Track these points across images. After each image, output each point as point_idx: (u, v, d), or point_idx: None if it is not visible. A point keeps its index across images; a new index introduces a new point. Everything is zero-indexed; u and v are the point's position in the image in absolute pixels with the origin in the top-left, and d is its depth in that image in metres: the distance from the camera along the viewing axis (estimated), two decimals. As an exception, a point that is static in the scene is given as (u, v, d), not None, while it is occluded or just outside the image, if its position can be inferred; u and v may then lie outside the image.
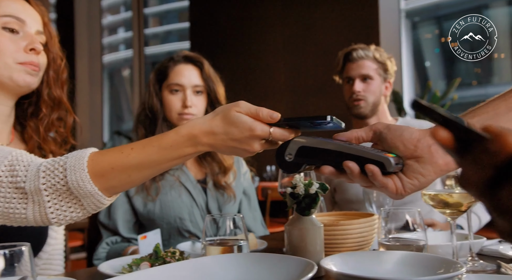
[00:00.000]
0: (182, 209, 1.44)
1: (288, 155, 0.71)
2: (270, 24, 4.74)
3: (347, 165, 0.66)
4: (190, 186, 1.48)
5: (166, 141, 0.77)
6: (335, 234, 0.97)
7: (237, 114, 0.74)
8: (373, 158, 0.64)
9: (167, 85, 1.51)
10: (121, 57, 7.22)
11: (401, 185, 0.66)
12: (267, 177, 4.35)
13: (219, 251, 0.85)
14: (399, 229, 0.93)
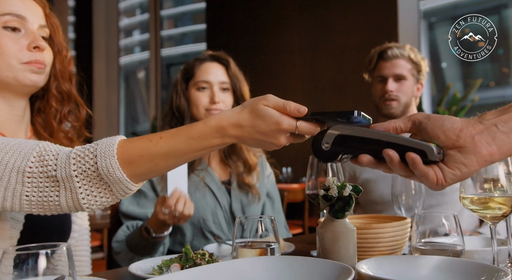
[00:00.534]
0: (206, 210, 1.43)
1: (325, 143, 0.70)
2: (287, 25, 4.73)
3: (387, 153, 0.65)
4: (214, 187, 1.47)
5: (195, 131, 0.78)
6: (368, 237, 0.95)
7: (265, 107, 0.76)
8: (414, 146, 0.64)
9: (194, 83, 1.52)
10: (136, 59, 7.28)
11: (442, 175, 0.64)
12: (283, 179, 4.33)
13: (252, 253, 0.84)
14: (433, 233, 0.91)
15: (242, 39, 5.05)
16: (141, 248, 1.35)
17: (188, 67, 1.55)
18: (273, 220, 0.89)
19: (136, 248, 1.36)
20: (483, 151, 0.63)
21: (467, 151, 0.63)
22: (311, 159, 1.15)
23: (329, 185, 0.91)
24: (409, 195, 1.20)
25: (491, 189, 0.83)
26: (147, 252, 1.35)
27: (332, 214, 0.90)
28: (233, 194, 1.50)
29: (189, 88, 1.53)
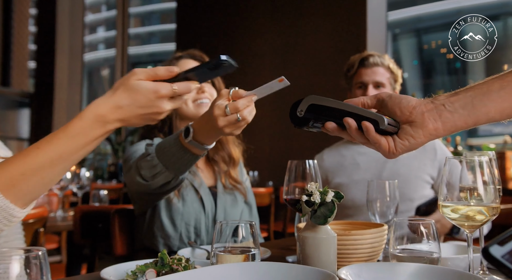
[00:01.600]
0: (190, 215, 1.40)
1: (299, 111, 0.78)
2: (259, 29, 4.74)
3: (347, 120, 0.74)
4: (203, 192, 1.44)
5: (73, 128, 0.76)
6: (347, 244, 0.95)
7: (138, 81, 0.77)
8: (369, 116, 0.73)
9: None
10: (100, 56, 7.08)
11: (394, 145, 0.74)
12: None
13: (233, 259, 0.81)
14: (410, 240, 0.92)
15: (212, 41, 5.01)
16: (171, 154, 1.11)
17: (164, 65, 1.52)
18: (253, 225, 0.87)
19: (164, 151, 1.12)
20: (429, 125, 0.71)
21: (416, 125, 0.72)
22: (289, 164, 1.15)
23: (311, 191, 0.90)
24: (383, 201, 1.21)
25: (467, 198, 0.85)
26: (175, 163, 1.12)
27: (314, 220, 0.89)
28: (218, 200, 1.47)
29: None
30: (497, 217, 2.73)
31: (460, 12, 6.43)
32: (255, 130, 4.74)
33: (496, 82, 0.71)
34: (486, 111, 0.70)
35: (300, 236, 0.90)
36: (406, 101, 0.73)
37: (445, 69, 6.68)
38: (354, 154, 1.76)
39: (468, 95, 0.71)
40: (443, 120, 0.71)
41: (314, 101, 0.77)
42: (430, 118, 0.71)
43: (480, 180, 0.82)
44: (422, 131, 0.72)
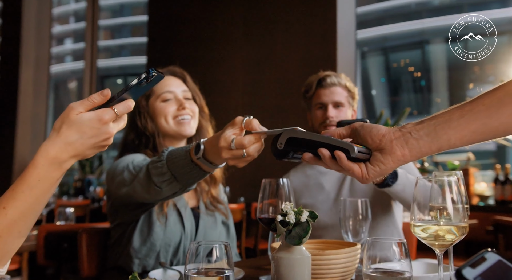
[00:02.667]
0: (171, 236, 1.37)
1: (279, 144, 0.84)
2: (231, 44, 4.77)
3: (321, 151, 0.80)
4: (185, 213, 1.42)
5: (31, 178, 0.78)
6: (321, 264, 0.95)
7: (79, 115, 0.79)
8: (340, 145, 0.79)
9: (157, 97, 1.48)
10: (68, 68, 6.93)
11: (366, 171, 0.79)
12: (221, 198, 4.28)
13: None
14: (382, 259, 0.93)
15: (184, 55, 4.99)
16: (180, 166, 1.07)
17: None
18: (227, 246, 0.86)
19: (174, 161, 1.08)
20: (397, 152, 0.76)
21: (385, 152, 0.77)
22: (264, 183, 1.14)
23: (286, 211, 0.90)
24: (356, 219, 1.23)
25: (437, 217, 0.87)
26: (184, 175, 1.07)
27: (289, 241, 0.89)
28: (201, 222, 1.45)
29: (151, 104, 1.49)
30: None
31: (423, 32, 6.71)
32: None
33: (457, 111, 0.75)
34: (447, 138, 0.75)
35: (274, 257, 0.90)
36: (376, 130, 0.78)
37: (411, 87, 6.91)
38: (317, 174, 1.74)
39: (432, 124, 0.76)
40: (410, 147, 0.76)
41: (292, 134, 0.83)
42: (398, 145, 0.76)
43: (450, 200, 0.84)
44: (391, 157, 0.76)
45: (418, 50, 7.11)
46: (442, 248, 0.85)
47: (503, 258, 0.51)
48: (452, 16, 6.24)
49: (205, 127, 1.55)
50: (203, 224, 1.44)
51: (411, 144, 0.75)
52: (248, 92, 4.60)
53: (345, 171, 0.79)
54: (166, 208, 1.38)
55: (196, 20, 4.98)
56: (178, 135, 1.47)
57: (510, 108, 0.72)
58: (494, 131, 0.74)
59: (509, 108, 0.72)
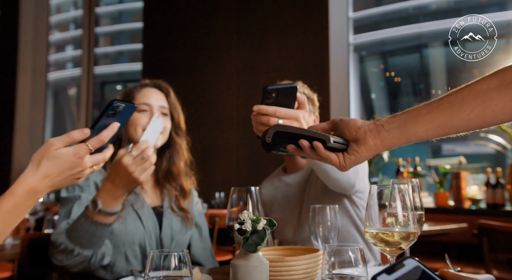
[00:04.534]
0: (134, 236, 1.40)
1: (267, 137, 0.91)
2: (225, 51, 4.80)
3: (301, 142, 0.88)
4: (143, 213, 1.44)
5: (7, 205, 0.86)
6: (281, 270, 0.97)
7: (58, 150, 0.89)
8: (318, 136, 0.86)
9: None
10: (68, 75, 7.00)
11: (343, 159, 0.87)
12: (215, 204, 4.30)
13: (161, 290, 0.82)
14: (341, 265, 0.95)
15: (179, 62, 5.04)
16: (83, 232, 1.21)
17: (127, 91, 1.55)
18: (186, 254, 0.88)
19: (77, 234, 1.22)
20: (370, 142, 0.84)
21: (360, 142, 0.85)
22: (232, 191, 1.17)
23: (243, 219, 0.92)
24: (325, 226, 1.24)
25: (393, 224, 0.89)
26: (90, 240, 1.22)
27: (245, 248, 0.91)
28: (164, 220, 1.47)
29: None
30: (452, 236, 2.83)
31: (421, 36, 6.72)
32: (222, 152, 4.75)
33: (426, 107, 0.82)
34: (415, 131, 0.81)
35: (232, 264, 0.92)
36: (353, 123, 0.86)
37: (410, 90, 6.92)
38: (284, 186, 1.71)
39: (402, 118, 0.83)
40: (381, 138, 0.83)
41: (278, 129, 0.91)
42: (371, 136, 0.83)
43: (400, 207, 0.86)
44: (364, 147, 0.84)
45: (417, 54, 7.12)
46: (393, 254, 0.86)
47: (422, 265, 0.52)
48: (450, 20, 6.24)
49: (179, 144, 1.58)
50: (167, 222, 1.47)
51: (382, 135, 0.82)
52: (242, 99, 4.63)
53: (324, 159, 0.87)
54: (122, 211, 1.40)
55: (190, 27, 5.02)
56: None
57: (471, 106, 0.77)
58: (456, 127, 0.80)
59: (470, 106, 0.77)
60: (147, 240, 1.41)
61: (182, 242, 1.49)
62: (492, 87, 0.76)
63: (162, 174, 1.55)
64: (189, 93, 4.91)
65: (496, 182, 3.17)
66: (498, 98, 0.75)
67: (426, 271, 0.51)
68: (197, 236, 1.57)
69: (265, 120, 1.14)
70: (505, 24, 5.50)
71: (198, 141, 5.79)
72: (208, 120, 4.76)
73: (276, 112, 1.13)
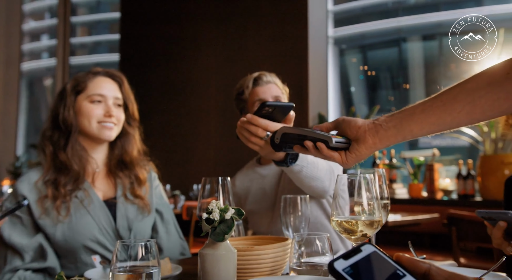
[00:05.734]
0: (87, 232, 1.38)
1: (276, 138, 0.99)
2: (205, 43, 4.76)
3: (306, 143, 0.93)
4: (93, 208, 1.42)
5: None
6: (249, 259, 0.98)
7: None
8: (321, 137, 0.92)
9: (87, 96, 1.48)
10: (43, 65, 6.83)
11: (345, 157, 0.92)
12: (193, 196, 4.29)
13: (126, 279, 0.82)
14: (309, 254, 0.96)
15: (157, 53, 4.97)
16: None
17: (79, 79, 1.50)
18: (154, 244, 0.88)
19: None
20: (369, 141, 0.88)
21: (360, 141, 0.89)
22: (204, 181, 1.16)
23: (212, 208, 0.93)
24: (296, 216, 1.26)
25: (359, 212, 0.91)
26: None
27: (213, 237, 0.91)
28: (118, 211, 1.45)
29: (79, 101, 1.48)
30: (425, 226, 2.90)
31: (400, 30, 6.80)
32: (201, 143, 4.73)
33: (420, 106, 0.87)
34: (410, 129, 0.87)
35: (200, 253, 0.92)
36: (354, 123, 0.91)
37: (389, 84, 7.01)
38: (259, 178, 1.72)
39: (398, 117, 0.88)
40: (380, 136, 0.88)
41: (285, 130, 0.98)
42: (370, 135, 0.88)
43: (366, 196, 0.88)
44: (364, 145, 0.89)
45: (395, 48, 7.21)
46: (358, 241, 0.88)
47: (378, 250, 0.53)
48: (428, 14, 6.34)
49: (132, 134, 1.57)
50: (121, 212, 1.45)
51: (381, 134, 0.87)
52: (221, 90, 4.61)
53: (328, 158, 0.92)
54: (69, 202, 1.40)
55: (169, 18, 4.96)
56: (98, 139, 1.49)
57: (462, 104, 0.82)
58: (449, 124, 0.85)
59: (461, 104, 0.82)
60: (102, 234, 1.40)
61: (141, 230, 1.47)
62: (481, 86, 0.80)
63: (114, 162, 1.53)
64: (167, 83, 4.87)
65: (467, 173, 3.25)
66: (487, 97, 0.80)
67: (383, 256, 0.52)
68: (159, 221, 1.55)
69: (253, 130, 1.18)
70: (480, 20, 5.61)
71: (176, 131, 5.76)
72: (186, 111, 4.72)
73: (268, 126, 1.16)
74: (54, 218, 1.37)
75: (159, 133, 4.70)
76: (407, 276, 0.50)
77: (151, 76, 4.84)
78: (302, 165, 1.33)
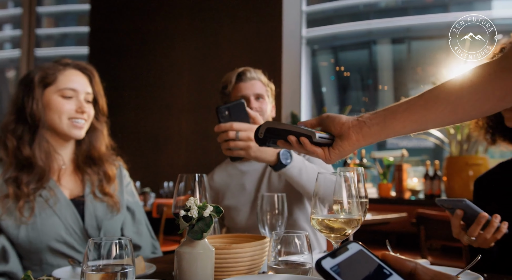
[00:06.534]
0: (53, 233, 1.32)
1: (260, 133, 0.97)
2: (177, 38, 4.69)
3: (289, 137, 0.93)
4: (59, 208, 1.36)
5: None
6: (227, 257, 0.96)
7: None
8: (304, 132, 0.92)
9: (58, 90, 1.41)
10: (6, 56, 6.56)
11: (328, 153, 0.92)
12: (163, 194, 4.22)
13: (100, 279, 0.78)
14: (287, 252, 0.95)
15: (128, 47, 4.86)
16: None
17: (48, 71, 1.42)
18: (128, 242, 0.85)
19: None
20: (353, 137, 0.88)
21: (344, 137, 0.89)
22: (179, 178, 1.14)
23: (190, 206, 0.90)
24: (273, 214, 1.25)
25: (338, 211, 0.91)
26: None
27: (191, 235, 0.89)
28: (86, 210, 1.40)
29: (48, 94, 1.41)
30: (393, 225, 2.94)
31: (371, 33, 6.93)
32: (172, 140, 4.66)
33: (403, 105, 0.87)
34: (393, 127, 0.87)
35: (177, 251, 0.90)
36: (338, 119, 0.91)
37: (359, 85, 7.14)
38: (239, 174, 1.72)
39: (382, 114, 0.88)
40: (363, 133, 0.88)
41: (269, 125, 0.98)
42: (354, 132, 0.88)
43: (345, 194, 0.88)
44: (348, 142, 0.89)
45: (366, 50, 7.35)
46: (338, 240, 0.88)
47: (365, 248, 0.53)
48: (397, 18, 6.49)
49: (100, 130, 1.52)
50: (90, 211, 1.41)
51: (364, 131, 0.87)
52: (194, 86, 4.55)
53: (311, 153, 0.92)
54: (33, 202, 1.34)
55: (141, 11, 4.85)
56: (67, 136, 1.43)
57: (444, 104, 0.83)
58: (431, 122, 0.86)
59: (443, 103, 0.83)
60: (70, 234, 1.34)
61: (111, 229, 1.42)
62: (464, 87, 0.81)
63: (82, 159, 1.48)
64: (138, 78, 4.76)
65: (434, 174, 3.34)
66: (468, 97, 0.81)
67: (369, 254, 0.52)
68: (129, 220, 1.51)
69: (225, 136, 1.22)
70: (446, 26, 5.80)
71: (147, 128, 5.65)
72: (158, 107, 4.64)
73: (232, 125, 1.20)
74: (17, 218, 1.30)
75: (129, 130, 4.59)
76: (393, 275, 0.49)
77: (121, 71, 4.73)
78: (300, 167, 1.37)
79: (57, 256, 1.33)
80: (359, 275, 0.49)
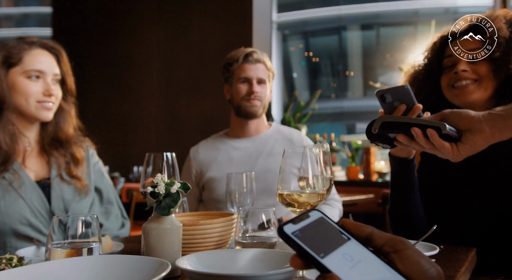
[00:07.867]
0: (18, 215, 1.29)
1: (374, 128, 0.90)
2: (146, 21, 4.58)
3: (414, 130, 0.86)
4: (24, 191, 1.33)
5: None
6: (195, 233, 0.97)
7: None
8: (431, 124, 0.85)
9: (24, 71, 1.37)
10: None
11: (457, 149, 0.87)
12: (133, 178, 4.17)
13: (65, 254, 0.78)
14: (255, 228, 0.97)
15: (94, 29, 4.71)
16: None
17: (12, 50, 1.37)
18: (95, 219, 0.84)
19: None
20: (486, 131, 0.84)
21: (475, 131, 0.85)
22: (147, 157, 1.13)
23: (157, 182, 0.90)
24: (241, 192, 1.26)
25: (304, 187, 0.93)
26: None
27: (158, 211, 0.89)
28: (53, 192, 1.38)
29: (13, 75, 1.36)
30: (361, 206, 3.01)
31: (340, 19, 6.99)
32: (141, 124, 4.59)
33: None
34: None
35: (144, 228, 0.90)
36: (465, 113, 0.87)
37: (329, 71, 7.22)
38: (229, 148, 1.78)
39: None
40: (499, 127, 0.84)
41: (386, 119, 0.90)
42: (488, 125, 0.84)
43: (311, 170, 0.90)
44: (481, 136, 0.84)
45: (336, 35, 7.41)
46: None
47: (325, 215, 0.55)
48: (367, 4, 6.57)
49: (68, 111, 1.48)
50: (56, 193, 1.38)
51: (500, 125, 0.83)
52: (164, 69, 4.48)
53: (437, 148, 0.86)
54: None
55: (108, -8, 4.70)
56: (34, 118, 1.40)
57: None
58: None
59: None
60: (35, 217, 1.32)
61: (78, 211, 1.41)
62: None
63: (48, 140, 1.44)
64: (106, 60, 4.64)
65: (400, 156, 3.45)
66: None
67: (329, 221, 0.54)
68: (97, 200, 1.49)
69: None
70: (413, 13, 5.92)
71: (116, 111, 5.55)
72: (127, 90, 4.55)
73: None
74: None
75: (97, 113, 4.49)
76: (351, 240, 0.52)
77: (87, 52, 4.59)
78: None
79: (22, 240, 1.30)
80: (319, 239, 0.51)
